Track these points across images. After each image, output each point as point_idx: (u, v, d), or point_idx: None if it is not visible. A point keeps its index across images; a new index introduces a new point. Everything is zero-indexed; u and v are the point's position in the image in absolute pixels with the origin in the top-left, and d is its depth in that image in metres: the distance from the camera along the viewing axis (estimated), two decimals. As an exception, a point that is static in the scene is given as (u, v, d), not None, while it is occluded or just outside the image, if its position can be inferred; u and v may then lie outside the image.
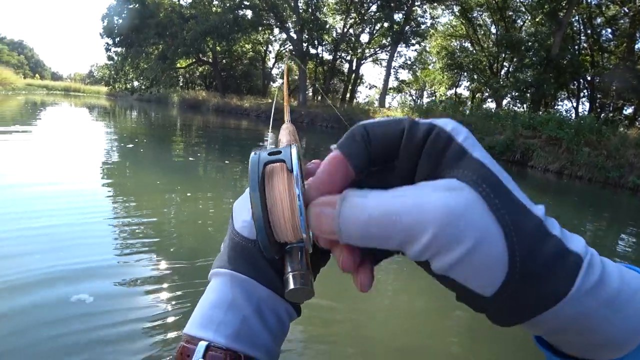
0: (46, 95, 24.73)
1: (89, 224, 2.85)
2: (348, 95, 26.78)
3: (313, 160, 0.26)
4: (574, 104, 19.14)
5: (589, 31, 17.64)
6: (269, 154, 0.23)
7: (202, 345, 0.24)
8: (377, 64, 27.76)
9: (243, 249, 0.27)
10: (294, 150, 0.23)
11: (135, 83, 26.90)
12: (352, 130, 0.22)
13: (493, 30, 21.47)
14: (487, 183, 0.19)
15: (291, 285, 0.25)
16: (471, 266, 0.18)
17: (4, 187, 3.46)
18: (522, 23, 20.33)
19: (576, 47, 18.08)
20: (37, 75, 51.33)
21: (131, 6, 23.46)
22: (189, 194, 4.00)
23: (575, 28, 17.88)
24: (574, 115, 17.05)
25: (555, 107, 19.54)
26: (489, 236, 0.18)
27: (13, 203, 3.08)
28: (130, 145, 7.07)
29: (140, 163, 5.60)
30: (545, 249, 0.18)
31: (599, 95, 17.41)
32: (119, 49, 25.01)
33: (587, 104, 18.31)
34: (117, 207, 3.38)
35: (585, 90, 18.67)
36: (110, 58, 26.08)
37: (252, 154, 0.24)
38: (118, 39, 23.92)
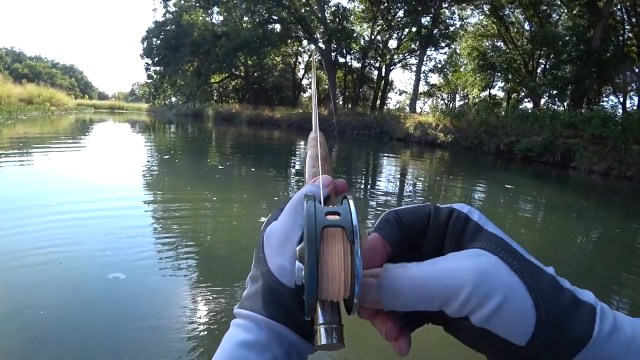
0: (94, 114, 26.65)
1: (127, 222, 3.21)
2: (378, 102, 26.65)
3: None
4: (621, 99, 17.91)
5: (633, 19, 16.49)
6: (327, 214, 0.24)
7: None
8: (407, 69, 27.48)
9: (280, 296, 0.27)
10: (354, 218, 0.23)
11: (173, 99, 28.40)
12: (385, 215, 0.27)
13: (526, 26, 20.63)
14: (504, 250, 0.23)
15: (323, 340, 0.24)
16: (505, 317, 0.21)
17: (62, 188, 3.99)
18: (557, 17, 19.39)
19: (620, 38, 16.96)
20: (86, 95, 55.40)
21: (168, 28, 24.90)
22: (215, 198, 4.22)
23: (617, 17, 16.77)
24: (621, 111, 15.95)
25: (600, 104, 18.35)
26: (515, 290, 0.21)
27: (68, 201, 3.58)
28: (167, 156, 7.52)
29: (176, 171, 5.96)
30: (562, 299, 0.22)
31: (648, 89, 16.19)
32: (157, 68, 26.56)
33: (636, 99, 17.07)
34: (153, 207, 3.66)
35: (633, 84, 17.41)
36: (149, 77, 27.74)
37: (305, 202, 0.24)
38: (157, 58, 25.41)
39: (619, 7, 16.42)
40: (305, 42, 27.51)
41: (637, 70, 16.71)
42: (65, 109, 23.38)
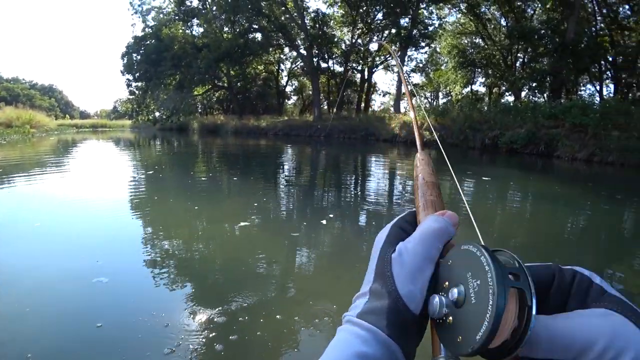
0: (76, 134, 26.16)
1: (112, 236, 3.07)
2: (362, 104, 26.83)
3: None
4: (598, 88, 18.38)
5: (604, 10, 16.99)
6: (510, 274, 0.25)
7: None
8: (389, 70, 27.75)
9: (403, 319, 0.29)
10: (531, 284, 0.26)
11: (157, 114, 28.09)
12: None
13: (503, 22, 21.09)
14: (627, 310, 0.26)
15: None
16: None
17: (46, 209, 3.80)
18: (532, 12, 19.88)
19: (593, 29, 17.45)
20: (67, 115, 54.26)
21: (148, 42, 24.73)
22: (196, 208, 4.15)
23: (589, 9, 17.28)
24: (598, 99, 16.35)
25: (578, 93, 18.80)
26: None
27: (55, 221, 3.39)
28: (151, 172, 7.41)
29: (159, 185, 5.86)
30: None
31: (623, 76, 16.64)
32: (139, 84, 26.31)
33: (612, 86, 17.54)
34: (138, 221, 3.57)
35: (608, 72, 17.90)
36: (131, 93, 27.49)
37: (478, 251, 0.26)
38: (138, 74, 25.17)
39: (589, -1, 16.92)
40: (287, 49, 27.62)
41: (610, 59, 17.19)
42: (46, 131, 22.89)
